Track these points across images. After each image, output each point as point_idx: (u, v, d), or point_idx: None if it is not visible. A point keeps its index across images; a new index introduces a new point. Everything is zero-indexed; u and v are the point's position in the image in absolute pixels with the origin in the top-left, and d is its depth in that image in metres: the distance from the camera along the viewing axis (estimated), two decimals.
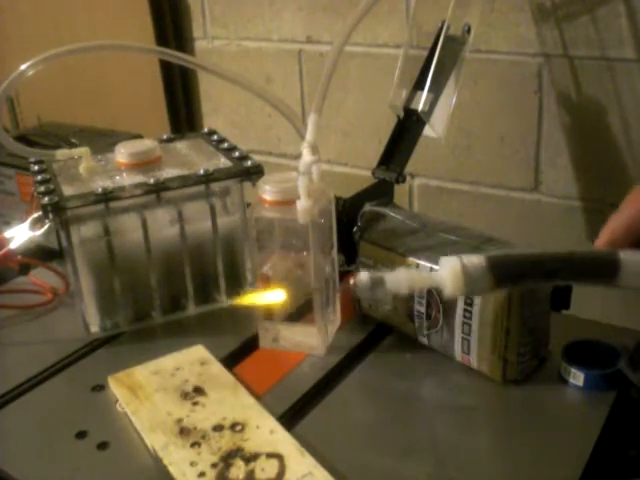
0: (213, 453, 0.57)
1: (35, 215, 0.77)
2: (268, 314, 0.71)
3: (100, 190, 0.71)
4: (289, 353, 0.71)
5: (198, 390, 0.65)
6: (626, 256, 0.32)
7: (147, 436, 0.59)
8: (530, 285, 0.33)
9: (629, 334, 0.68)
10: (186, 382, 0.66)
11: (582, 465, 0.55)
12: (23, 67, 0.75)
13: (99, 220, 0.72)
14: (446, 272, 0.32)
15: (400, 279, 0.39)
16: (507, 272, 0.32)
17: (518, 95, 0.90)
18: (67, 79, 1.22)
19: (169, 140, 0.86)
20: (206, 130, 0.87)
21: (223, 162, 0.78)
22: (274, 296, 0.67)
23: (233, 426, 0.60)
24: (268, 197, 0.66)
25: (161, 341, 0.74)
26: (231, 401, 0.63)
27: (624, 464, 0.52)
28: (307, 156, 0.64)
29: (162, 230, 0.75)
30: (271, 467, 0.55)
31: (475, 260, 0.32)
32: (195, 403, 0.63)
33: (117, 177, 0.76)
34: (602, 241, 0.35)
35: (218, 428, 0.60)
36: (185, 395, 0.64)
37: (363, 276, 0.39)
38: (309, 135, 0.66)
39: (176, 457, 0.57)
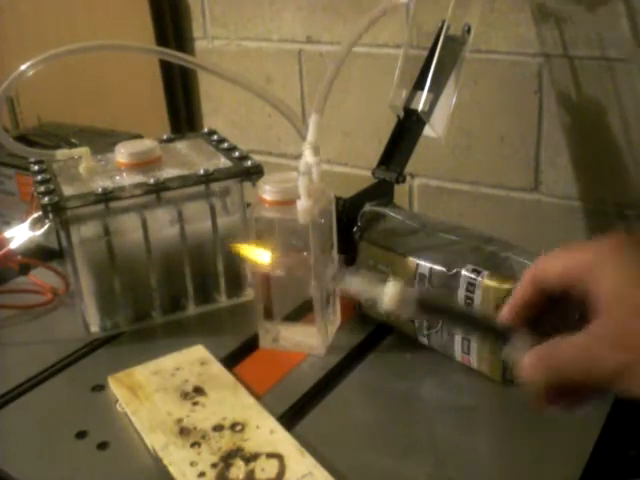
0: (213, 453, 0.57)
1: (35, 215, 0.77)
2: (268, 314, 0.71)
3: (100, 190, 0.71)
4: (289, 353, 0.71)
5: (198, 390, 0.65)
6: (517, 336, 0.40)
7: (147, 436, 0.59)
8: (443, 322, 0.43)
9: None
10: (186, 382, 0.66)
11: (582, 465, 0.55)
12: (23, 67, 0.75)
13: (99, 220, 0.72)
14: (388, 291, 0.41)
15: (355, 282, 0.47)
16: (427, 309, 0.41)
17: (518, 95, 0.90)
18: (67, 79, 1.22)
19: (169, 140, 0.86)
20: (206, 130, 0.87)
21: (223, 162, 0.78)
22: (261, 255, 0.66)
23: (233, 426, 0.60)
24: (268, 197, 0.66)
25: (161, 341, 0.74)
26: (231, 401, 0.63)
27: (624, 464, 0.53)
28: (309, 157, 0.64)
29: (162, 230, 0.75)
30: (271, 467, 0.55)
31: (412, 291, 0.41)
32: (195, 403, 0.63)
33: (117, 177, 0.76)
34: (503, 317, 0.40)
35: (218, 428, 0.60)
36: (185, 395, 0.64)
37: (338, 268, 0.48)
38: (310, 135, 0.66)
39: (176, 457, 0.57)
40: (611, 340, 0.33)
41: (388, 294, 0.41)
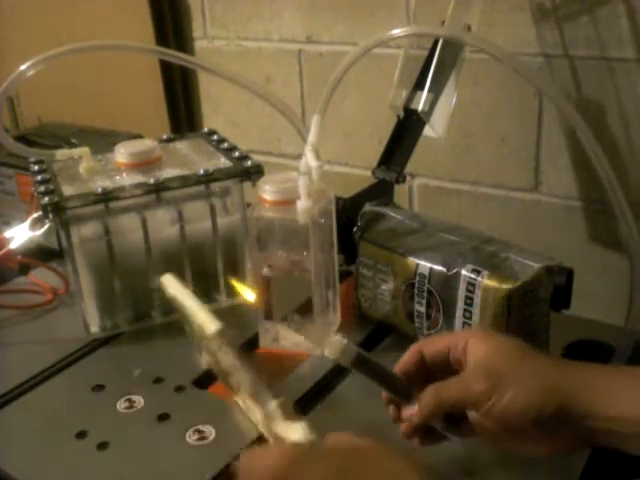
0: None
1: (35, 215, 0.77)
2: (268, 314, 0.71)
3: (100, 190, 0.71)
4: (289, 353, 0.71)
5: None
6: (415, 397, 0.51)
7: None
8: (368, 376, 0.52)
9: (629, 334, 0.68)
10: None
11: (582, 465, 0.55)
12: (23, 67, 0.75)
13: (99, 220, 0.72)
14: (334, 342, 0.49)
15: (309, 329, 0.62)
16: (357, 362, 0.50)
17: (518, 95, 0.90)
18: (67, 79, 1.22)
19: (169, 140, 0.86)
20: (206, 130, 0.87)
21: (223, 162, 0.78)
22: (248, 295, 0.70)
23: None
24: (268, 197, 0.66)
25: (161, 341, 0.74)
26: None
27: (624, 464, 0.52)
28: (312, 160, 0.64)
29: (162, 230, 0.75)
30: None
31: (354, 347, 0.50)
32: None
33: (117, 177, 0.76)
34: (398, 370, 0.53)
35: None
36: None
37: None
38: (312, 137, 0.66)
39: None
40: (482, 373, 0.49)
41: (333, 346, 0.49)
